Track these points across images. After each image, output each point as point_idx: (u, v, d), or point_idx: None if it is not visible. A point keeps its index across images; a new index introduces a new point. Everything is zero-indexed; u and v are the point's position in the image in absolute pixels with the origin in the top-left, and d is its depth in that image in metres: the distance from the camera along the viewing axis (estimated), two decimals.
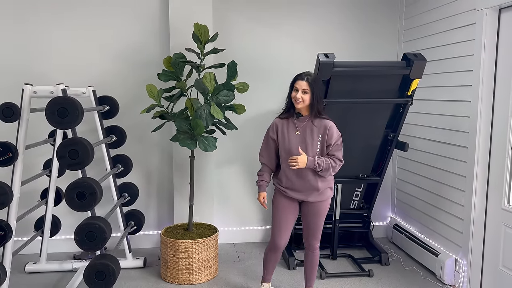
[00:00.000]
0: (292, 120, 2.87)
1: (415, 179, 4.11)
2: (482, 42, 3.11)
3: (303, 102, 2.76)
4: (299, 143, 2.81)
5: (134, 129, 4.13)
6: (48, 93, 2.98)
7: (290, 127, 2.85)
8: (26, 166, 3.92)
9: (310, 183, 2.83)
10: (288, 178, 2.88)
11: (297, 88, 2.77)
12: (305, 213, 2.94)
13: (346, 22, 4.31)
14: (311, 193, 2.86)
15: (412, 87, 3.38)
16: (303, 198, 2.88)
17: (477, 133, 3.18)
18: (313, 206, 2.89)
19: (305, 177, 2.83)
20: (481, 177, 3.21)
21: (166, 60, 3.58)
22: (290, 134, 2.84)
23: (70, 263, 3.72)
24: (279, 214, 2.93)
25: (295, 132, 2.82)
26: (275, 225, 2.95)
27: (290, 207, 2.92)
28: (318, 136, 2.80)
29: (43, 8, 3.89)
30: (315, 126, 2.81)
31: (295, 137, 2.82)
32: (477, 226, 3.25)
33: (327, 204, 2.92)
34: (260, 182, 2.98)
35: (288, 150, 2.83)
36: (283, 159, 2.88)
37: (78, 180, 2.78)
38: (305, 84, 2.74)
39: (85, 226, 2.78)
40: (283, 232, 2.92)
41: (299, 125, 2.84)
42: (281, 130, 2.87)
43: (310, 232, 2.95)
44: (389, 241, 4.48)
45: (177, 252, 3.43)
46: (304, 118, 2.84)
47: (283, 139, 2.86)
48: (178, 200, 4.10)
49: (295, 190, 2.87)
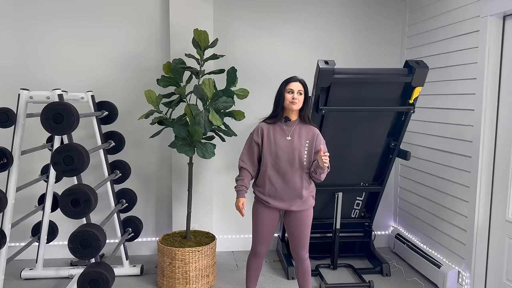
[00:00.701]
0: (280, 124, 2.82)
1: (417, 188, 4.03)
2: (486, 49, 3.05)
3: (298, 103, 2.75)
4: (286, 147, 2.77)
5: (133, 135, 4.10)
6: (44, 98, 2.95)
7: (277, 132, 2.80)
8: (24, 171, 3.90)
9: (295, 189, 2.78)
10: (272, 184, 2.80)
11: (292, 90, 2.75)
12: (290, 224, 2.88)
13: (348, 28, 4.26)
14: (294, 201, 2.79)
15: (414, 95, 3.32)
16: (286, 207, 2.81)
17: (481, 143, 3.11)
18: (296, 216, 2.83)
19: (290, 183, 2.77)
20: (485, 187, 3.14)
21: (166, 65, 3.56)
22: (277, 138, 2.79)
23: (66, 270, 3.68)
24: (259, 226, 2.87)
25: (286, 137, 2.78)
26: (256, 236, 2.91)
27: (270, 218, 2.86)
28: (306, 142, 2.77)
29: (42, 12, 3.88)
30: (304, 131, 2.79)
31: (284, 141, 2.78)
32: (480, 238, 3.17)
33: (311, 213, 2.87)
34: (240, 187, 2.84)
35: (275, 153, 2.78)
36: (268, 163, 2.80)
37: (73, 186, 2.74)
38: (299, 86, 2.75)
39: (79, 234, 2.74)
40: (263, 241, 2.90)
41: (288, 130, 2.80)
42: (267, 134, 2.81)
43: (297, 243, 2.88)
44: (391, 251, 4.40)
45: (174, 260, 3.38)
46: (293, 122, 2.81)
47: (269, 143, 2.80)
48: (177, 207, 4.05)
49: (278, 198, 2.80)
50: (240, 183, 2.86)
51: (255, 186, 2.92)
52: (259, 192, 2.86)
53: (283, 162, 2.77)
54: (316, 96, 3.27)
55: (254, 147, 2.86)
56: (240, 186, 2.85)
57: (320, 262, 3.99)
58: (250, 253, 2.99)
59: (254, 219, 2.90)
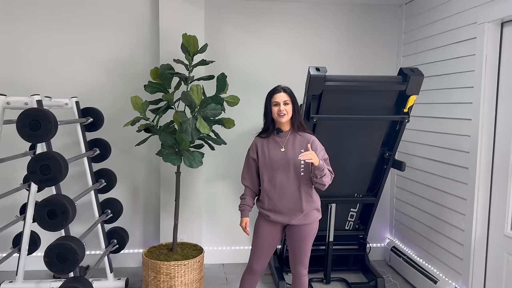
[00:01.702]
0: (273, 137, 2.72)
1: (414, 199, 3.90)
2: (483, 57, 2.94)
3: (287, 114, 2.65)
4: (280, 159, 2.65)
5: (121, 143, 3.97)
6: (22, 104, 2.83)
7: (270, 144, 2.71)
8: (6, 179, 3.78)
9: (293, 202, 2.66)
10: (270, 199, 2.70)
11: (277, 102, 2.65)
12: (290, 237, 2.75)
13: (343, 34, 4.16)
14: (295, 215, 2.67)
15: (408, 103, 3.20)
16: (286, 221, 2.69)
17: (478, 153, 2.99)
18: (297, 229, 2.71)
19: (289, 195, 2.66)
20: (482, 200, 3.01)
21: (153, 71, 3.44)
22: (270, 151, 2.69)
23: (47, 283, 3.53)
24: (259, 240, 2.77)
25: (280, 149, 2.67)
26: (254, 250, 2.80)
27: (271, 233, 2.75)
28: (301, 151, 2.64)
29: (28, 17, 3.77)
30: (298, 141, 2.68)
31: (278, 153, 2.67)
32: (478, 253, 3.04)
33: (314, 227, 2.73)
34: (243, 206, 2.81)
35: (269, 166, 2.68)
36: (265, 177, 2.71)
37: (50, 197, 2.62)
38: (284, 96, 2.64)
39: (55, 247, 2.61)
40: (260, 257, 2.77)
41: (281, 141, 2.69)
42: (261, 148, 2.73)
43: (296, 258, 2.76)
44: (387, 264, 4.25)
45: (159, 274, 3.24)
46: (285, 133, 2.70)
47: (263, 157, 2.71)
48: (165, 217, 3.92)
49: (278, 212, 2.69)
50: (243, 203, 2.83)
51: (257, 201, 2.86)
52: (260, 207, 2.79)
53: (279, 175, 2.67)
54: (307, 104, 3.16)
55: (252, 163, 2.80)
56: (242, 206, 2.82)
57: (313, 276, 3.84)
58: (246, 269, 2.86)
59: (255, 233, 2.81)
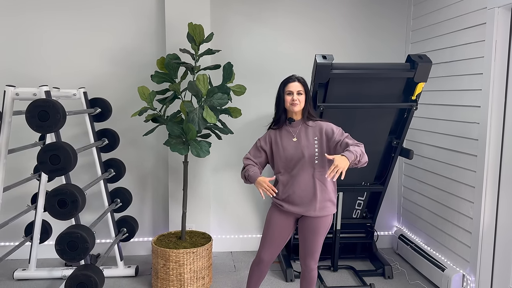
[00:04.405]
0: (285, 127, 2.68)
1: (421, 187, 3.89)
2: (493, 43, 2.89)
3: (300, 104, 2.61)
4: (294, 148, 2.62)
5: (129, 132, 4.00)
6: (31, 95, 2.85)
7: (283, 135, 2.67)
8: (17, 170, 3.83)
9: (308, 192, 2.60)
10: (286, 189, 2.63)
11: (291, 92, 2.61)
12: (302, 229, 2.69)
13: (350, 21, 4.12)
14: (310, 205, 2.60)
15: (417, 91, 3.17)
16: (302, 212, 2.63)
17: (487, 141, 2.96)
18: (311, 221, 2.64)
19: (303, 185, 2.60)
20: (491, 188, 2.99)
21: (160, 61, 3.45)
22: (284, 142, 2.65)
23: (59, 271, 3.60)
24: (270, 230, 2.70)
25: (292, 139, 2.65)
26: (264, 239, 2.74)
27: (284, 223, 2.69)
28: (314, 139, 2.61)
29: (34, 8, 3.79)
30: (310, 129, 2.64)
31: (291, 143, 2.64)
32: (486, 241, 3.03)
33: (328, 221, 2.66)
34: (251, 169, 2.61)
35: (284, 157, 2.64)
36: (281, 168, 2.66)
37: (60, 187, 2.65)
38: (298, 85, 2.60)
39: (67, 235, 2.65)
40: (270, 247, 2.71)
41: (294, 131, 2.66)
42: (275, 140, 2.68)
43: (307, 251, 2.69)
44: (395, 252, 4.26)
45: (168, 262, 3.28)
46: (297, 122, 2.67)
47: (277, 148, 2.66)
48: (173, 206, 3.95)
49: (292, 202, 2.63)
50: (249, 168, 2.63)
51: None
52: (275, 198, 2.71)
53: (294, 165, 2.62)
54: (314, 92, 3.14)
55: (261, 152, 2.72)
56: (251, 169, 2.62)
57: (320, 263, 3.87)
58: (254, 259, 2.80)
59: (266, 222, 2.74)
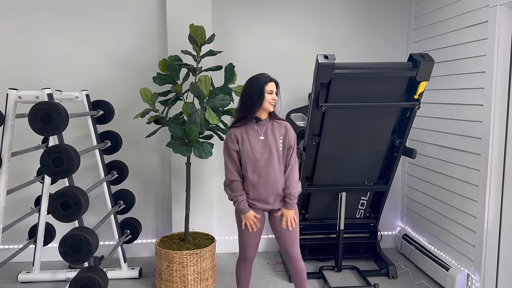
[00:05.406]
0: (251, 125, 2.70)
1: (425, 187, 3.88)
2: (495, 41, 2.88)
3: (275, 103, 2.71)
4: (262, 147, 2.67)
5: (131, 135, 4.01)
6: (33, 98, 2.87)
7: (250, 133, 2.69)
8: (20, 172, 3.84)
9: (277, 188, 2.70)
10: (255, 188, 2.70)
11: (271, 91, 2.67)
12: (275, 223, 2.78)
13: (352, 20, 4.11)
14: (277, 199, 2.73)
15: (419, 90, 3.17)
16: (271, 207, 2.74)
17: (490, 139, 2.95)
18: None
19: (273, 183, 2.69)
20: (495, 187, 2.98)
21: (161, 62, 3.45)
22: (251, 141, 2.68)
23: (63, 273, 3.61)
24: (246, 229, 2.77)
25: (259, 137, 2.69)
26: (245, 239, 2.79)
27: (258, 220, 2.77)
28: (280, 138, 2.70)
29: (36, 10, 3.80)
30: (276, 128, 2.71)
31: (259, 142, 2.68)
32: (490, 240, 3.02)
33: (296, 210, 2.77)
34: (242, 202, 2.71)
35: (253, 156, 2.67)
36: (249, 168, 2.68)
37: (63, 189, 2.66)
38: (274, 85, 2.69)
39: (70, 238, 2.66)
40: (252, 245, 2.80)
41: (260, 130, 2.70)
42: (241, 138, 2.68)
43: (287, 242, 2.76)
44: (399, 252, 4.25)
45: (171, 263, 3.28)
46: (264, 121, 2.72)
47: (244, 147, 2.67)
48: (177, 207, 3.96)
49: (264, 201, 2.72)
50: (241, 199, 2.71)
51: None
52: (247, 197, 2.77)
53: (262, 164, 2.67)
54: (316, 93, 3.14)
55: (234, 156, 2.71)
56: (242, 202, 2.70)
57: (324, 264, 3.87)
58: (239, 258, 2.88)
59: (240, 223, 2.79)
